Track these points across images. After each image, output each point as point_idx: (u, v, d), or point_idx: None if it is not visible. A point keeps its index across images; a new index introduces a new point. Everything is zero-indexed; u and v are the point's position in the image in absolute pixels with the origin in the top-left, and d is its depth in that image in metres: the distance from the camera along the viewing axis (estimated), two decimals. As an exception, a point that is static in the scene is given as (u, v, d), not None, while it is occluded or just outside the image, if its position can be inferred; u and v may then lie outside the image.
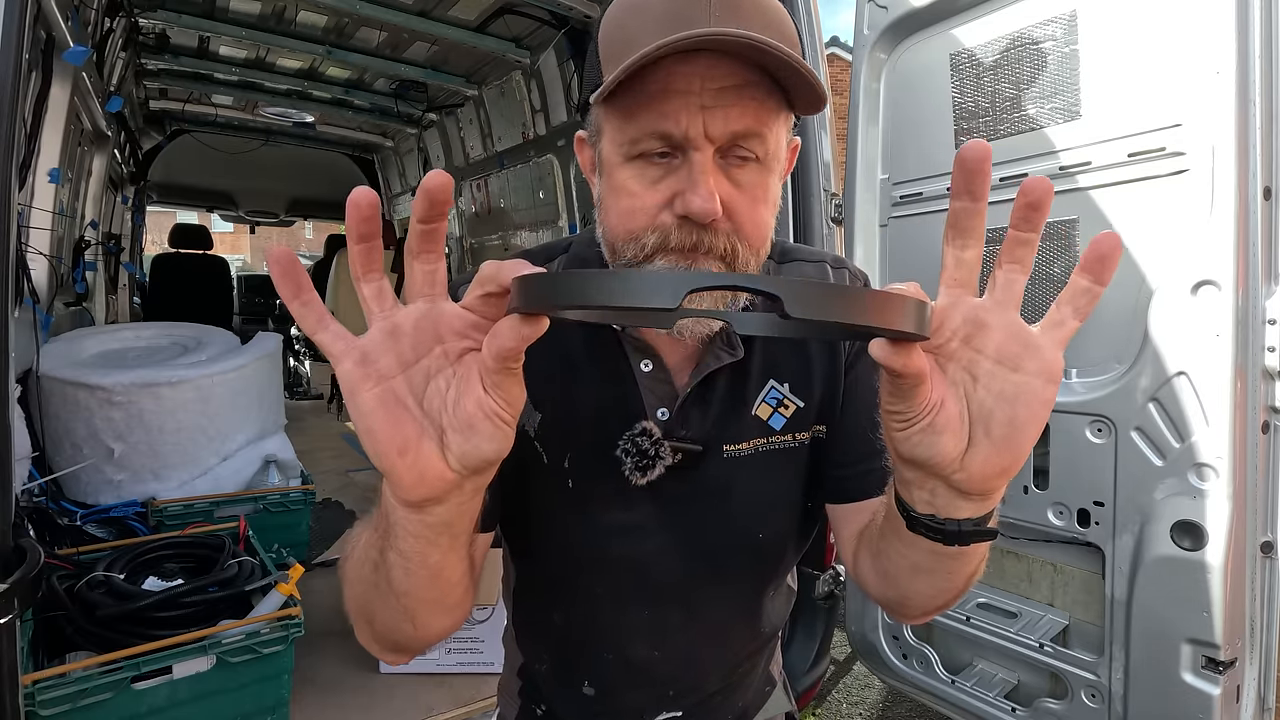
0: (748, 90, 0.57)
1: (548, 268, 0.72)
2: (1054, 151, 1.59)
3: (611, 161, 0.62)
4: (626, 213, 0.61)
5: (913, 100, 1.86)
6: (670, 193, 0.59)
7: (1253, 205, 1.31)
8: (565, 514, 0.73)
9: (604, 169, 0.63)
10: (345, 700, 2.15)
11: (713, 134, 0.57)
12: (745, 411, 0.71)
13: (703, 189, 0.57)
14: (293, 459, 2.97)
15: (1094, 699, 1.55)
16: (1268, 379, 1.32)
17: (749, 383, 0.72)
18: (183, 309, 5.20)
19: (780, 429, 0.72)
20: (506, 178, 4.88)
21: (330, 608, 2.61)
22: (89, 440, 2.46)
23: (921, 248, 1.88)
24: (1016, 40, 1.64)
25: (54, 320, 2.84)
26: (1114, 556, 1.50)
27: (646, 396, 0.70)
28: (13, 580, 1.13)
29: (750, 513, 0.73)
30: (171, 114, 5.69)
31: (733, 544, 0.74)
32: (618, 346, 0.70)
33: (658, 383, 0.70)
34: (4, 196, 1.18)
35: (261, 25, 4.03)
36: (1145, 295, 1.44)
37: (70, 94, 2.61)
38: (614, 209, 0.62)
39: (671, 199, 0.59)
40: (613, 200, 0.62)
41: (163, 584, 1.91)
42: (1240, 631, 1.36)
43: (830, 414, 0.75)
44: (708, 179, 0.57)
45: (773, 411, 0.72)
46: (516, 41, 3.94)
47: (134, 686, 1.59)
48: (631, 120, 0.58)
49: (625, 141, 0.59)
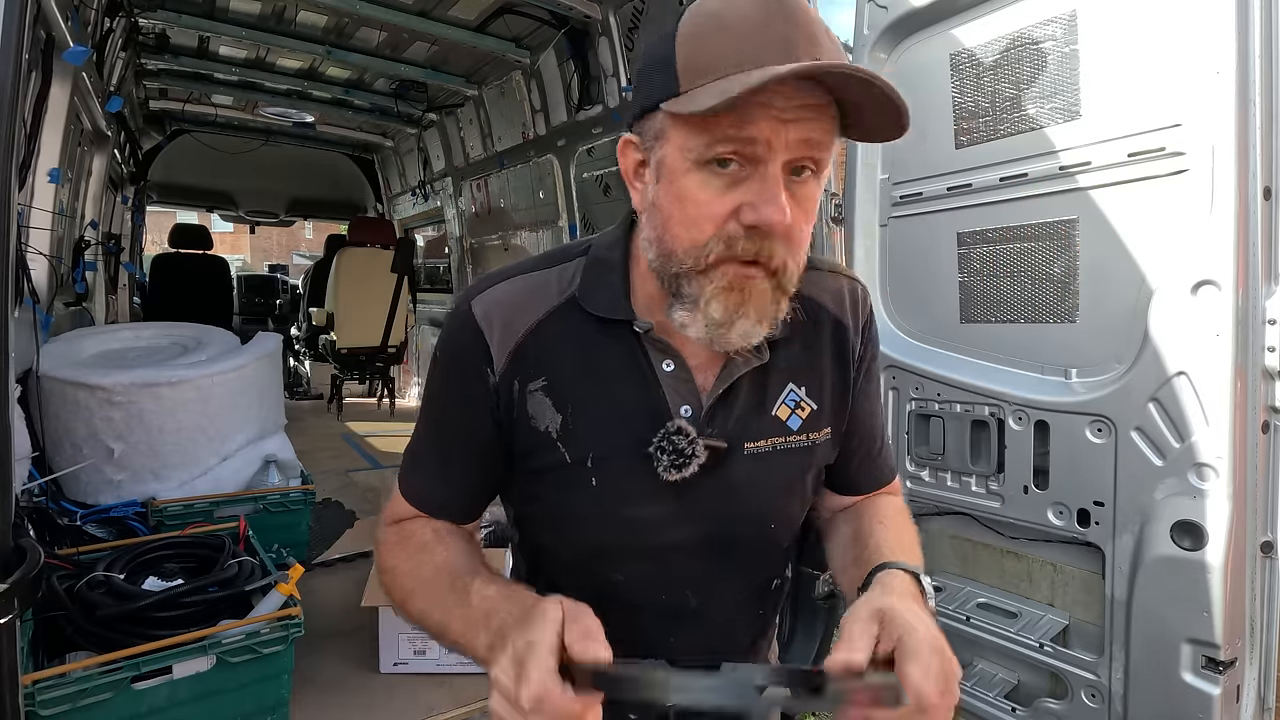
0: (820, 110, 0.62)
1: (565, 268, 0.77)
2: (1054, 151, 1.59)
3: (676, 168, 0.64)
4: (692, 221, 0.63)
5: (913, 100, 1.85)
6: (737, 202, 0.62)
7: (1253, 205, 1.31)
8: (587, 509, 0.75)
9: (664, 175, 0.65)
10: (345, 700, 2.15)
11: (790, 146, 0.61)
12: (766, 412, 0.76)
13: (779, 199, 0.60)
14: (293, 459, 2.97)
15: (1094, 699, 1.55)
16: (1268, 379, 1.32)
17: (770, 385, 0.76)
18: (183, 309, 5.20)
19: (797, 429, 0.77)
20: (506, 178, 4.88)
21: (330, 608, 2.62)
22: (89, 440, 2.46)
23: (921, 248, 1.88)
24: (1016, 40, 1.64)
25: (54, 320, 2.84)
26: (1114, 556, 1.50)
27: (670, 396, 0.73)
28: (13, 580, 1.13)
29: (765, 505, 0.79)
30: (171, 114, 5.70)
31: (748, 534, 0.79)
32: (639, 347, 0.73)
33: (680, 382, 0.73)
34: (4, 196, 1.18)
35: (261, 25, 4.04)
36: (1145, 295, 1.44)
37: (70, 94, 2.61)
38: (677, 216, 0.64)
39: (738, 209, 0.62)
40: (676, 207, 0.64)
41: (163, 584, 1.91)
42: (1240, 631, 1.36)
43: (839, 420, 0.82)
44: (780, 190, 0.61)
45: (791, 413, 0.77)
46: (516, 41, 3.94)
47: (134, 686, 1.59)
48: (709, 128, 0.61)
49: (698, 147, 0.62)
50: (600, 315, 0.73)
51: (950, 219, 1.81)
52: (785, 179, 0.62)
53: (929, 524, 1.91)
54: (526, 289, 0.75)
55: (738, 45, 0.60)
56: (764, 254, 0.63)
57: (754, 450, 0.75)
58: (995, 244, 1.72)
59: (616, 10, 3.32)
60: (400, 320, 6.19)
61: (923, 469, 1.88)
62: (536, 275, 0.77)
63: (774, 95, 0.59)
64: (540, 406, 0.73)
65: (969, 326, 1.78)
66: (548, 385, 0.73)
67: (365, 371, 6.44)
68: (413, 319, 6.78)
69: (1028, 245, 1.65)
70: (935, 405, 1.82)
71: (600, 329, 0.73)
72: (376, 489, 4.31)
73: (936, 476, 1.85)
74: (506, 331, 0.73)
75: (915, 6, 1.80)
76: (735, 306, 0.63)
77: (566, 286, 0.75)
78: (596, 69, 3.56)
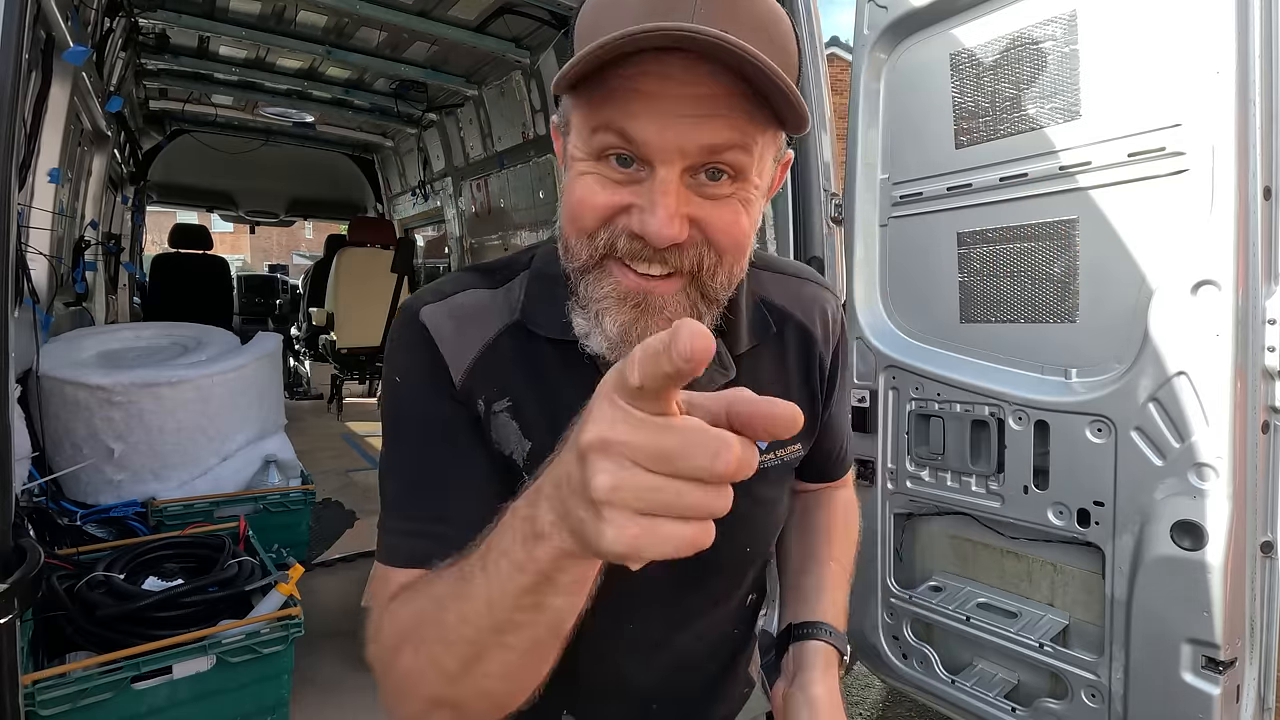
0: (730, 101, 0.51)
1: (510, 286, 0.69)
2: (1054, 151, 1.59)
3: (574, 155, 0.57)
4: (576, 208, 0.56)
5: (913, 100, 1.87)
6: (629, 201, 0.54)
7: (1253, 205, 1.31)
8: None
9: (568, 165, 0.58)
10: (345, 700, 2.15)
11: (685, 147, 0.51)
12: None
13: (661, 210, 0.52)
14: (293, 459, 2.97)
15: (1094, 699, 1.55)
16: (1268, 379, 1.32)
17: None
18: (183, 309, 5.21)
19: (764, 449, 0.70)
20: (506, 178, 4.88)
21: (330, 608, 2.62)
22: (89, 440, 2.46)
23: (921, 247, 1.88)
24: (1016, 40, 1.64)
25: (54, 320, 2.84)
26: (1114, 556, 1.50)
27: None
28: (13, 580, 1.13)
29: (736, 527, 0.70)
30: (171, 114, 5.69)
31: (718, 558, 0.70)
32: (596, 370, 0.63)
33: None
34: (4, 196, 1.18)
35: (261, 25, 4.03)
36: (1145, 295, 1.44)
37: (70, 94, 2.61)
38: (566, 204, 0.58)
39: (629, 208, 0.55)
40: (569, 198, 0.57)
41: (163, 584, 1.91)
42: (1240, 631, 1.36)
43: (809, 435, 0.80)
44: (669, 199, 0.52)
45: None
46: (516, 41, 3.94)
47: (134, 686, 1.59)
48: (594, 113, 0.53)
49: (588, 134, 0.54)
50: (550, 337, 0.65)
51: (950, 219, 1.81)
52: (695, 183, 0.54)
53: (929, 524, 1.91)
54: (475, 304, 0.67)
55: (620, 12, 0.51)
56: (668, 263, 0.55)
57: None
58: (995, 244, 1.72)
59: (616, 10, 3.32)
60: (400, 320, 6.19)
61: (923, 469, 1.88)
62: (483, 292, 0.68)
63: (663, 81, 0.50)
64: (505, 431, 0.66)
65: (969, 326, 1.78)
66: (512, 407, 0.65)
67: (365, 371, 6.44)
68: (413, 319, 6.77)
69: (1028, 245, 1.65)
70: (935, 405, 1.82)
71: (554, 351, 0.65)
72: (376, 489, 4.31)
73: (936, 476, 1.85)
74: (461, 342, 0.65)
75: (915, 6, 1.80)
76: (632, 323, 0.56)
77: (515, 305, 0.67)
78: (596, 69, 3.56)
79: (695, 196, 0.54)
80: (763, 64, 0.47)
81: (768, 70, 0.48)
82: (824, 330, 0.78)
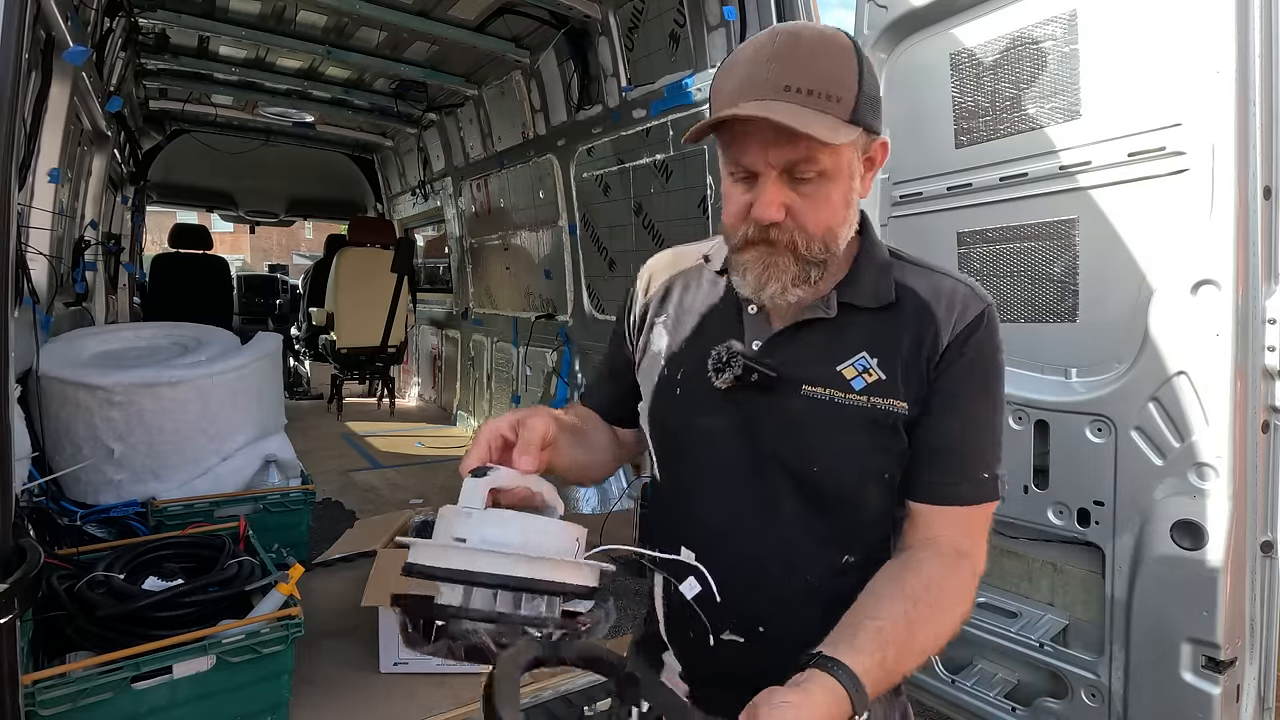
0: (789, 133, 0.76)
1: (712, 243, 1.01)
2: (1054, 151, 1.59)
3: (724, 177, 0.86)
4: (728, 214, 0.86)
5: (913, 100, 1.87)
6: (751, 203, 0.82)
7: (1253, 205, 1.31)
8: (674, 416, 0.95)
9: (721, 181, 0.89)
10: (345, 700, 2.15)
11: (774, 162, 0.79)
12: (830, 365, 0.87)
13: (763, 199, 0.81)
14: (293, 459, 2.97)
15: (1094, 698, 1.55)
16: (1268, 379, 1.32)
17: (842, 346, 0.88)
18: (183, 309, 5.19)
19: (860, 390, 0.85)
20: (506, 177, 4.88)
21: (330, 608, 2.61)
22: (89, 440, 2.47)
23: (921, 247, 1.87)
24: (1016, 40, 1.64)
25: (54, 320, 2.84)
26: (1114, 556, 1.50)
27: (749, 331, 0.92)
28: (13, 580, 1.13)
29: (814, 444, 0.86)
30: (171, 114, 5.69)
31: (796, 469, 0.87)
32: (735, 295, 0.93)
33: (757, 323, 0.92)
34: (4, 196, 1.18)
35: (261, 25, 4.04)
36: (1145, 295, 1.44)
37: (70, 94, 2.61)
38: (724, 211, 0.87)
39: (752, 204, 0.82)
40: (724, 204, 0.87)
41: (163, 584, 1.91)
42: (1240, 631, 1.36)
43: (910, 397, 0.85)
44: (768, 192, 0.81)
45: (856, 375, 0.86)
46: (516, 41, 3.94)
47: (134, 686, 1.59)
48: (724, 150, 0.84)
49: (727, 164, 0.85)
50: (717, 270, 0.97)
51: (950, 219, 1.81)
52: (789, 182, 0.81)
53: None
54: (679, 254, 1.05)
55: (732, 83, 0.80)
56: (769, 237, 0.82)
57: (810, 394, 0.86)
58: (995, 244, 1.72)
59: (616, 10, 3.32)
60: (400, 320, 6.19)
61: (923, 469, 1.87)
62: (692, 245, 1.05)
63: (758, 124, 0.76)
64: (659, 335, 0.99)
65: (969, 326, 1.78)
66: (665, 319, 0.99)
67: (365, 371, 6.44)
68: (413, 319, 6.78)
69: (1028, 245, 1.65)
70: (935, 405, 1.82)
71: (714, 281, 0.98)
72: (376, 489, 4.31)
73: (936, 476, 1.84)
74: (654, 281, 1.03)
75: (915, 6, 1.80)
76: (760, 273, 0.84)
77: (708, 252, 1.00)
78: (596, 69, 3.56)
79: (790, 191, 0.81)
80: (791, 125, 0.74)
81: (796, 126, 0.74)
82: (947, 313, 0.87)
